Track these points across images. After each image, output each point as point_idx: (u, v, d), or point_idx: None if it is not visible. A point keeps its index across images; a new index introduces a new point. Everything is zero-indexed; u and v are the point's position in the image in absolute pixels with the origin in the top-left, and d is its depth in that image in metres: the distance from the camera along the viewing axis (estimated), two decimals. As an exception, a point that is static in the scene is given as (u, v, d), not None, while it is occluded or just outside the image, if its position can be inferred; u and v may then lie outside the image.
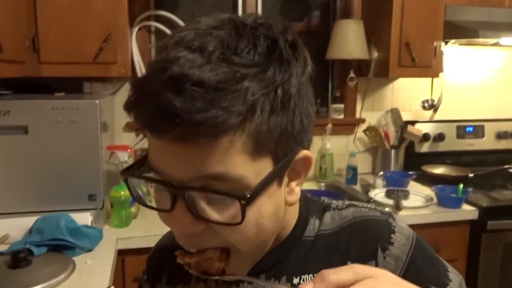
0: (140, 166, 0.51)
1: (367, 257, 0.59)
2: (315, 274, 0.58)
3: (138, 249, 1.57)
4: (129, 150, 1.75)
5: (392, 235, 0.60)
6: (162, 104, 0.42)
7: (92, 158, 1.58)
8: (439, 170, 2.38)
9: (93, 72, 1.78)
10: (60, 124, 1.54)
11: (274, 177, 0.49)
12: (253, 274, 0.59)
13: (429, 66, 2.19)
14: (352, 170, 2.31)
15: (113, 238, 1.54)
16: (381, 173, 2.27)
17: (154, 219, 1.78)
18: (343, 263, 0.59)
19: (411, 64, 2.15)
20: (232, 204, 0.46)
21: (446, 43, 2.27)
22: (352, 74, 2.33)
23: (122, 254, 1.56)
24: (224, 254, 0.52)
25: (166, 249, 0.69)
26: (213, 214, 0.47)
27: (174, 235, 0.70)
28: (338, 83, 2.48)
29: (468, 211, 1.90)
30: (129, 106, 0.47)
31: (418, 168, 2.36)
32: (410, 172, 2.29)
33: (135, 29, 2.07)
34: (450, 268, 0.62)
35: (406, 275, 0.58)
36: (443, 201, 1.91)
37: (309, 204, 0.65)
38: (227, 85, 0.43)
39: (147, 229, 1.64)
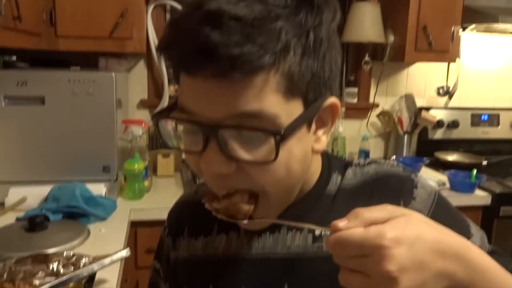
0: (171, 111, 0.51)
1: None
2: None
3: (151, 221, 1.59)
4: (143, 125, 1.76)
5: (415, 190, 0.60)
6: (199, 39, 0.43)
7: (107, 130, 1.60)
8: (452, 157, 2.37)
9: (108, 47, 1.79)
10: (76, 96, 1.55)
11: (304, 120, 0.50)
12: (274, 226, 0.60)
13: (446, 51, 2.16)
14: (364, 154, 2.30)
15: (127, 209, 1.56)
16: (394, 157, 2.26)
17: (166, 192, 1.81)
18: None
19: (427, 49, 2.12)
20: (265, 142, 0.47)
21: (464, 29, 2.24)
22: (367, 58, 2.31)
23: (134, 225, 1.58)
24: (252, 198, 0.52)
25: (187, 203, 0.72)
26: (245, 153, 0.48)
27: (194, 191, 0.73)
28: (352, 66, 2.47)
29: (480, 197, 1.88)
30: (164, 45, 0.47)
31: (431, 154, 2.34)
32: (423, 158, 2.28)
33: (151, 7, 2.07)
34: (472, 223, 0.63)
35: None
36: (456, 186, 1.90)
37: (331, 160, 0.65)
38: (262, 23, 0.44)
39: (160, 201, 1.66)
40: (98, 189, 1.53)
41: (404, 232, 0.41)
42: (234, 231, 0.63)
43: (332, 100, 0.52)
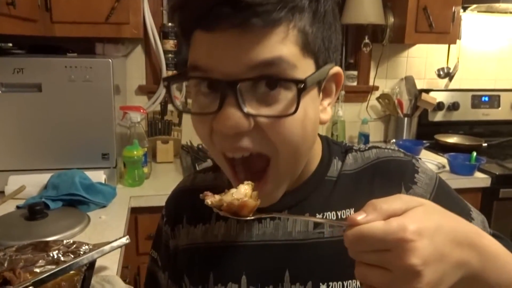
0: (183, 75, 0.52)
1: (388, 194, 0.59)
2: (338, 212, 0.59)
3: (151, 207, 1.59)
4: (141, 111, 1.75)
5: (416, 175, 0.60)
6: None
7: (105, 117, 1.59)
8: (452, 139, 2.36)
9: (105, 32, 1.77)
10: (74, 83, 1.54)
11: (316, 81, 0.51)
12: (276, 210, 0.58)
13: (446, 32, 2.13)
14: (364, 138, 2.30)
15: (126, 196, 1.56)
16: (393, 140, 2.26)
17: (166, 178, 1.81)
18: (364, 201, 0.59)
19: (428, 30, 2.10)
20: (284, 94, 0.47)
21: (464, 9, 2.21)
22: (366, 40, 2.28)
23: (135, 212, 1.58)
24: (254, 191, 0.50)
25: (185, 191, 0.72)
26: (263, 108, 0.48)
27: (192, 179, 0.72)
28: (352, 49, 2.44)
29: (480, 179, 1.88)
30: (179, 3, 0.49)
31: (431, 137, 2.34)
32: (423, 141, 2.27)
33: (148, -10, 2.04)
34: (472, 208, 0.62)
35: None
36: (456, 168, 1.90)
37: (331, 146, 0.65)
38: None
39: (160, 188, 1.66)
40: (98, 176, 1.53)
41: (424, 223, 0.40)
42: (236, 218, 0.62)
43: (337, 69, 0.54)
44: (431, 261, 0.39)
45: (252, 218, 0.49)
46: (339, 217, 0.59)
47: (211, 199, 0.49)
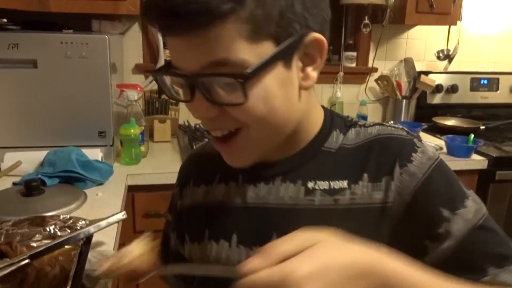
0: (167, 68, 0.56)
1: (384, 172, 0.59)
2: (331, 182, 0.60)
3: (148, 186, 1.59)
4: (138, 89, 1.73)
5: (413, 154, 0.59)
6: (163, 3, 0.48)
7: (101, 94, 1.57)
8: (450, 122, 2.36)
9: (101, 9, 1.73)
10: (70, 59, 1.52)
11: (276, 59, 0.51)
12: (268, 177, 0.63)
13: (447, 13, 2.11)
14: (362, 120, 2.29)
15: (123, 174, 1.56)
16: (391, 122, 2.25)
17: (163, 157, 1.80)
18: (359, 175, 0.60)
19: (428, 11, 2.07)
20: (235, 85, 0.50)
21: (466, -10, 2.18)
22: (366, 21, 2.26)
23: (132, 190, 1.58)
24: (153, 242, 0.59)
25: (196, 155, 0.79)
26: (223, 97, 0.52)
27: (203, 145, 0.79)
28: (351, 30, 2.41)
29: (477, 161, 1.89)
30: (142, 13, 0.52)
31: (429, 119, 2.33)
32: (421, 123, 2.26)
33: (145, -34, 2.00)
34: (471, 197, 0.60)
35: (418, 193, 0.58)
36: (453, 150, 1.90)
37: (335, 119, 0.66)
38: None
39: (157, 167, 1.65)
40: (94, 154, 1.52)
41: (314, 264, 0.41)
42: (234, 181, 0.67)
43: (314, 35, 0.54)
44: None
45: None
46: (332, 187, 0.60)
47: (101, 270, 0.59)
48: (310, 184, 0.61)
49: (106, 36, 1.54)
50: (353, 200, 0.59)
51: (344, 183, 0.60)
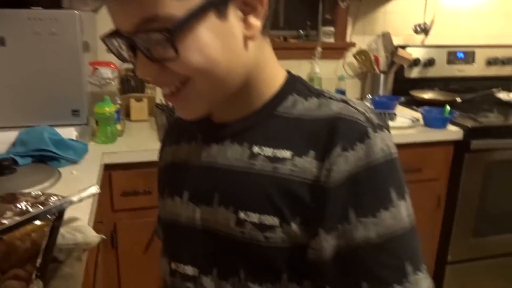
0: (108, 34, 0.56)
1: (325, 149, 0.57)
2: (275, 150, 0.60)
3: (125, 164, 1.57)
4: (112, 66, 1.70)
5: (358, 143, 0.55)
6: None
7: (73, 72, 1.54)
8: (427, 95, 2.38)
9: (71, -16, 1.69)
10: (39, 36, 1.48)
11: (205, 10, 0.51)
12: (219, 138, 0.65)
13: (423, -14, 2.11)
14: (341, 94, 2.29)
15: (99, 152, 1.53)
16: (369, 96, 2.26)
17: (139, 135, 1.78)
18: (306, 150, 0.58)
19: (404, -17, 2.07)
20: (165, 40, 0.50)
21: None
22: (343, -5, 2.25)
23: (108, 169, 1.56)
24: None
25: (175, 120, 0.80)
26: (158, 53, 0.52)
27: None
28: (329, 5, 2.40)
29: (453, 132, 1.92)
30: None
31: (407, 93, 2.35)
32: (398, 96, 2.28)
33: None
34: (395, 210, 0.55)
35: (340, 184, 0.55)
36: (429, 122, 1.92)
37: (296, 84, 0.64)
38: None
39: (134, 145, 1.63)
40: (68, 133, 1.49)
41: None
42: (194, 140, 0.69)
43: None
44: None
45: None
46: (275, 155, 0.60)
47: None
48: (255, 149, 0.61)
49: (75, 12, 1.50)
50: (292, 172, 0.58)
51: (287, 153, 0.59)
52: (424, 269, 0.57)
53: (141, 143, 1.66)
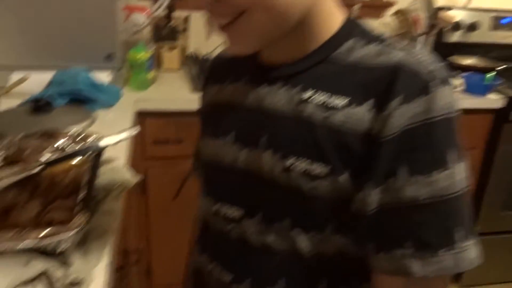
0: None
1: (382, 100, 0.53)
2: (330, 97, 0.57)
3: (157, 112, 1.57)
4: (146, 12, 1.66)
5: (418, 97, 0.52)
6: None
7: (107, 16, 1.52)
8: (468, 61, 2.28)
9: None
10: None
11: None
12: (270, 80, 0.62)
13: None
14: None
15: (132, 98, 1.52)
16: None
17: (172, 84, 1.76)
18: (361, 98, 0.55)
19: None
20: None
21: None
22: (388, -51, 2.12)
23: (141, 116, 1.55)
24: None
25: (217, 57, 0.79)
26: None
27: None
28: (370, -41, 2.28)
29: (493, 100, 1.84)
30: None
31: (445, 58, 2.25)
32: (437, 61, 2.19)
33: None
34: (449, 171, 0.53)
35: (394, 138, 0.52)
36: (470, 88, 1.85)
37: (354, 29, 0.60)
38: None
39: (166, 92, 1.62)
40: (102, 76, 1.48)
41: None
42: (241, 81, 0.66)
43: None
44: None
45: None
46: (328, 102, 0.56)
47: None
48: (309, 92, 0.58)
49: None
50: (344, 121, 0.55)
51: (344, 101, 0.55)
52: (473, 236, 0.54)
53: (173, 92, 1.64)
